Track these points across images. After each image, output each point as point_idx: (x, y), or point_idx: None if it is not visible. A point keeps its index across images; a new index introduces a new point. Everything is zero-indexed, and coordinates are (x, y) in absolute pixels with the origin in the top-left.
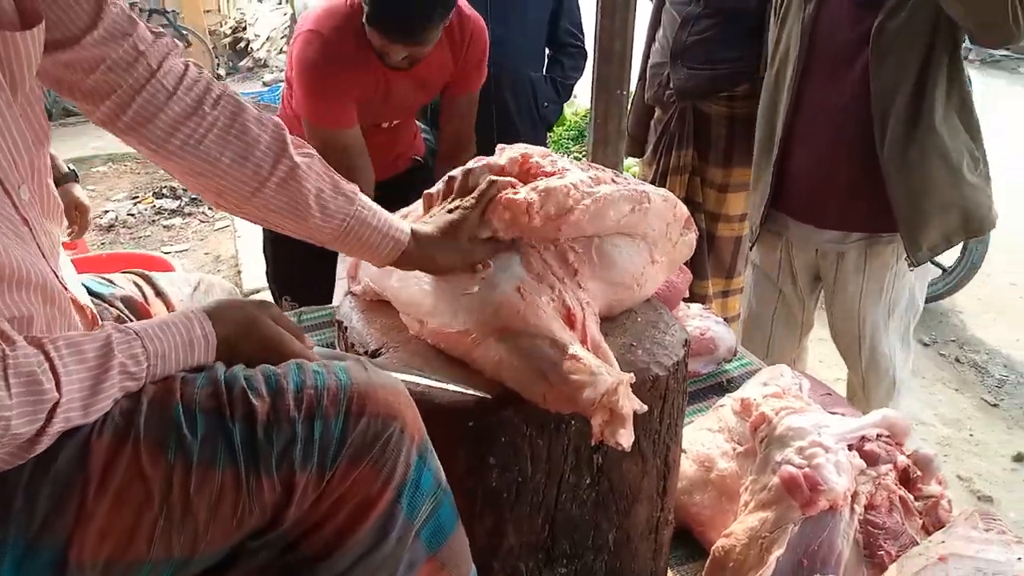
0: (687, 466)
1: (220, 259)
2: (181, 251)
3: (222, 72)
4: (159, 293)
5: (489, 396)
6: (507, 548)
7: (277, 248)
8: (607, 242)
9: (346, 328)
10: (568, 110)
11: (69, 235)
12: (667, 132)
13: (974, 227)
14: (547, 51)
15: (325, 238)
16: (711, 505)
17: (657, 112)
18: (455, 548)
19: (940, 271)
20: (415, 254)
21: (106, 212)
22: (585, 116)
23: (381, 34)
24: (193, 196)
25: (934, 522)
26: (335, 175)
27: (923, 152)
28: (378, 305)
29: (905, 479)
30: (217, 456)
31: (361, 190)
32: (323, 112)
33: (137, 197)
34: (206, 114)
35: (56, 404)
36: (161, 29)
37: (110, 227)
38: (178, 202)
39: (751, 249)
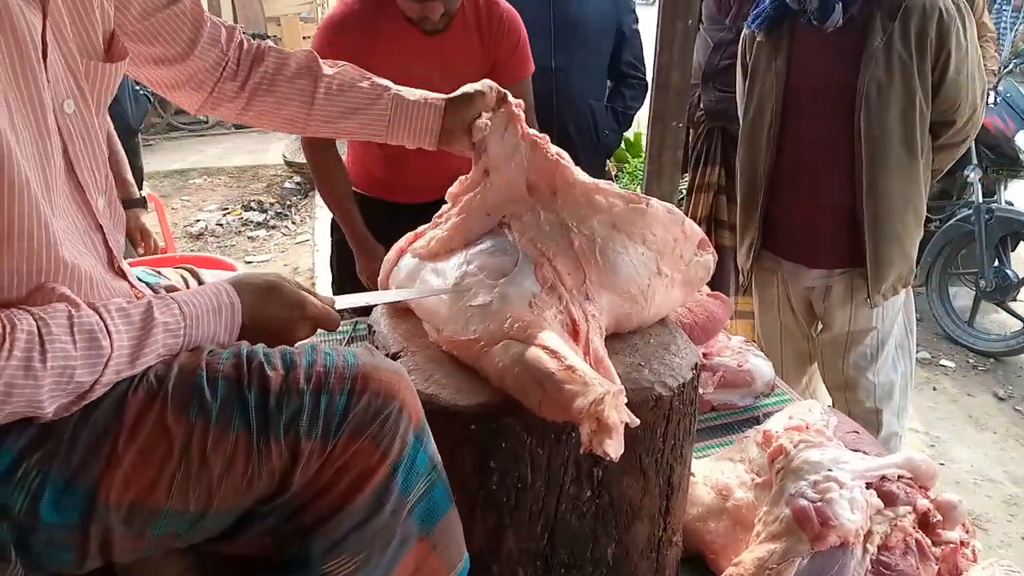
0: (704, 493)
1: (298, 271)
2: (263, 261)
3: None
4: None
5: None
6: (506, 553)
7: (341, 266)
8: (610, 245)
9: (374, 332)
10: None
11: (140, 255)
12: (695, 151)
13: (910, 278)
14: (609, 82)
15: (380, 128)
16: (725, 533)
17: (689, 132)
18: (447, 530)
19: (1021, 324)
20: (450, 126)
21: (197, 221)
22: None
23: None
24: (278, 211)
25: (951, 569)
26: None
27: (906, 203)
28: (404, 313)
29: (925, 523)
30: (233, 419)
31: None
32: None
33: (227, 209)
34: (265, 68)
35: (109, 357)
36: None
37: (199, 235)
38: (264, 215)
39: (744, 293)
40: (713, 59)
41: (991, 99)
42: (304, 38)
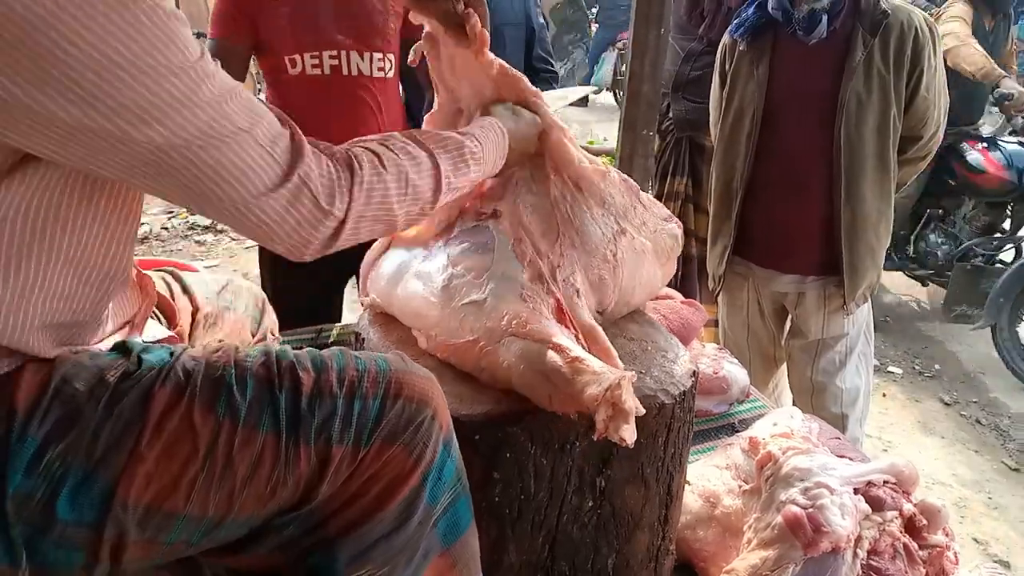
0: (692, 501)
1: (248, 276)
2: (210, 266)
3: None
4: (185, 290)
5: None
6: (508, 564)
7: (276, 288)
8: (578, 202)
9: (363, 340)
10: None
11: None
12: (663, 160)
13: (877, 286)
14: None
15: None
16: (714, 541)
17: (656, 141)
18: (467, 548)
19: None
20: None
21: (142, 224)
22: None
23: None
24: None
25: (937, 572)
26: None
27: (879, 215)
28: (395, 320)
29: (911, 527)
30: (262, 420)
31: None
32: (214, 18)
33: (172, 212)
34: None
35: (439, 170)
36: None
37: (143, 239)
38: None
39: (717, 296)
40: (683, 69)
41: None
42: None
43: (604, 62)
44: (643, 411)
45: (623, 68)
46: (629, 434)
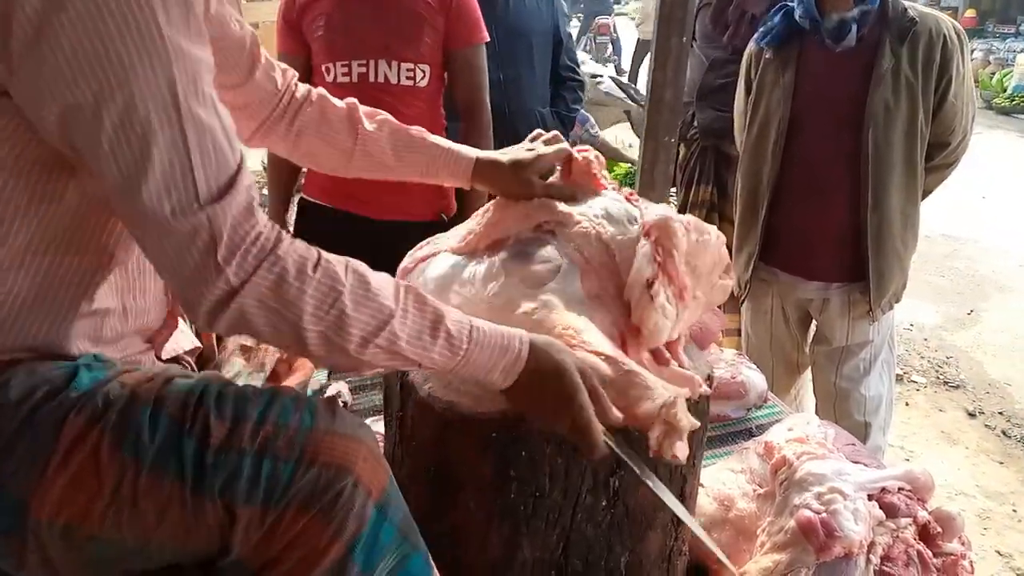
0: (707, 504)
1: None
2: None
3: None
4: None
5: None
6: (521, 561)
7: None
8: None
9: None
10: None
11: None
12: (689, 168)
13: (902, 293)
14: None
15: (421, 167)
16: (728, 544)
17: (681, 149)
18: None
19: None
20: (484, 171)
21: None
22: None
23: None
24: None
25: None
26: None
27: (905, 220)
28: None
29: (925, 535)
30: (168, 465)
31: None
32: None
33: None
34: (312, 111)
35: (388, 322)
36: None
37: None
38: None
39: (741, 304)
40: (708, 78)
41: None
42: None
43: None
44: (697, 425)
45: (607, 53)
46: (682, 451)
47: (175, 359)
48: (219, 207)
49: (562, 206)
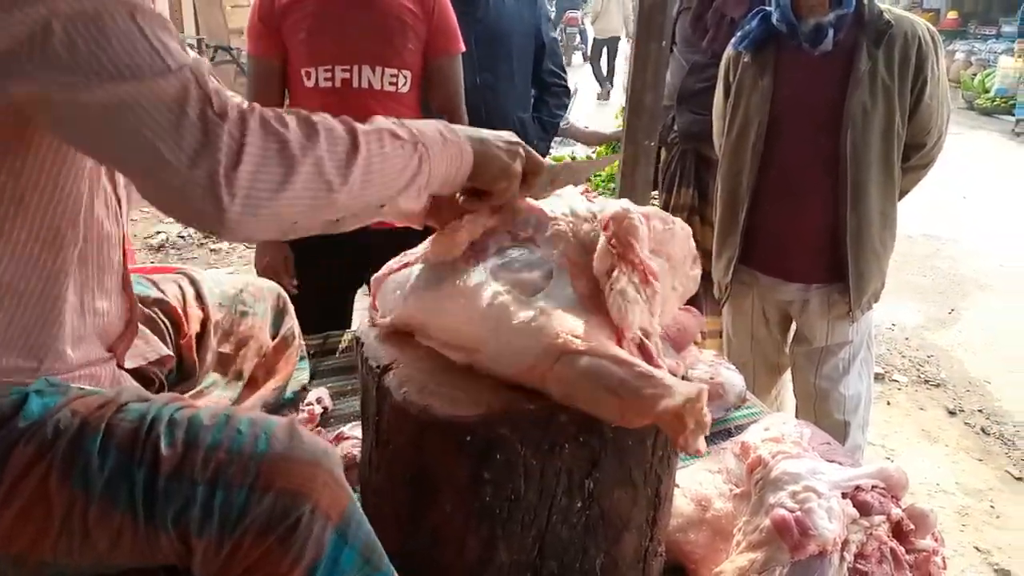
0: (684, 504)
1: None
2: (227, 274)
3: None
4: (199, 297)
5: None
6: (498, 564)
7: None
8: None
9: (362, 344)
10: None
11: None
12: (669, 172)
13: (881, 293)
14: (532, 91)
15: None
16: (705, 544)
17: (662, 153)
18: None
19: None
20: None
21: (158, 233)
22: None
23: None
24: None
25: None
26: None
27: (884, 221)
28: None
29: (898, 532)
30: (119, 497)
31: None
32: (248, 36)
33: None
34: None
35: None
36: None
37: (160, 247)
38: None
39: (723, 306)
40: (688, 81)
41: None
42: None
43: None
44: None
45: (576, 42)
46: (703, 444)
47: (139, 370)
48: (194, 65)
49: (534, 202)
